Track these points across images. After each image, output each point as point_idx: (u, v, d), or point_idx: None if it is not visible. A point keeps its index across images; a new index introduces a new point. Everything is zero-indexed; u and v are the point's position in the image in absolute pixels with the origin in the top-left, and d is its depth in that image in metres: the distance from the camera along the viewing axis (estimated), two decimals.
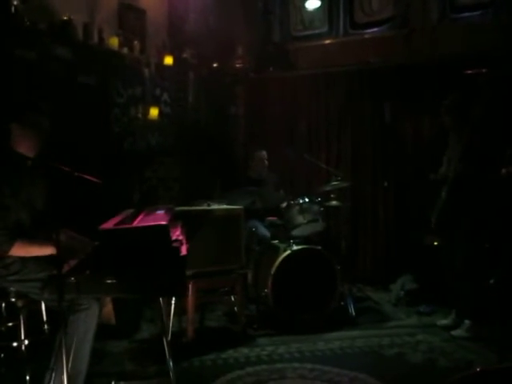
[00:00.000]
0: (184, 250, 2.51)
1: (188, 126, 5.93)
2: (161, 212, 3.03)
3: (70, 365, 2.70)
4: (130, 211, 3.17)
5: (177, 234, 2.74)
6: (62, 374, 2.43)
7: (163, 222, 2.39)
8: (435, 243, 5.03)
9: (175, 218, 3.40)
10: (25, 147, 2.94)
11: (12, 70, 4.06)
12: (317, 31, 6.65)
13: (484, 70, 3.40)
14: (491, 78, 3.29)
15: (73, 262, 2.54)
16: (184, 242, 2.73)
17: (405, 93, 5.78)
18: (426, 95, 5.59)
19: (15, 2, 4.13)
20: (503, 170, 3.74)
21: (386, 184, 5.74)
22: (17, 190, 2.85)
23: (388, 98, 5.89)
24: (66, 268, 2.41)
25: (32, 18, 4.28)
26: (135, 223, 2.55)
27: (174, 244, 2.46)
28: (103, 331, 3.87)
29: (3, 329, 3.20)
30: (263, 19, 6.91)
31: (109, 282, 2.36)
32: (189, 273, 3.89)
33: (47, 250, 2.82)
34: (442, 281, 4.72)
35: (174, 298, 3.48)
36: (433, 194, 4.46)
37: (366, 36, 6.26)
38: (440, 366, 3.68)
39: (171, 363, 2.87)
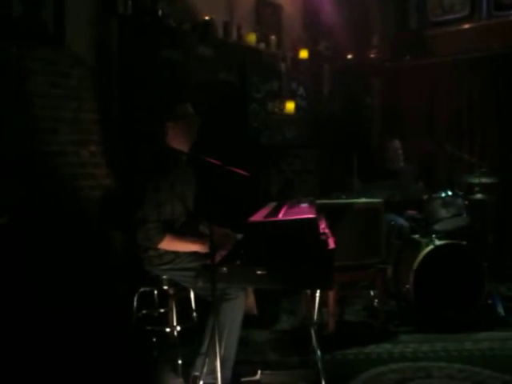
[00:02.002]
0: (331, 243, 2.50)
1: (323, 118, 5.92)
2: (304, 205, 3.05)
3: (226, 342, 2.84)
4: (273, 204, 3.23)
5: (322, 226, 2.74)
6: (216, 359, 2.52)
7: (312, 216, 2.41)
8: None
9: (318, 212, 3.41)
10: (179, 142, 3.11)
11: (159, 70, 4.31)
12: (458, 15, 6.27)
13: None
14: None
15: (219, 254, 2.63)
16: (330, 234, 2.72)
17: None
18: None
19: (161, 5, 4.38)
20: None
21: None
22: (172, 185, 3.01)
23: None
24: (217, 258, 2.51)
25: (177, 19, 4.52)
26: (280, 216, 2.59)
27: (322, 237, 2.46)
28: (246, 321, 4.06)
29: (156, 314, 3.40)
30: (399, 6, 6.70)
31: (259, 273, 2.41)
32: None
33: (194, 247, 2.97)
34: None
35: (319, 291, 3.48)
36: None
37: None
38: None
39: (319, 353, 2.88)
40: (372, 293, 4.39)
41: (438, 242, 4.26)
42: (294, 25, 5.85)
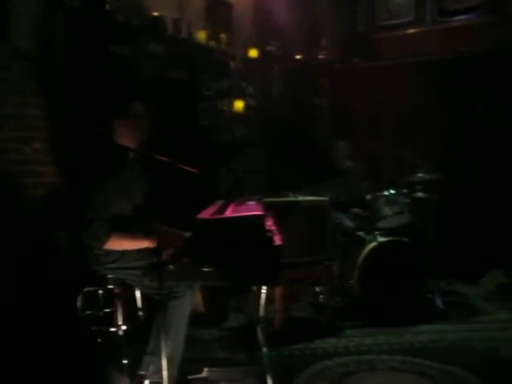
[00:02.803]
0: (278, 240, 2.55)
1: (272, 117, 5.98)
2: (252, 203, 3.09)
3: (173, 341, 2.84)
4: (220, 202, 3.25)
5: (269, 224, 2.79)
6: (161, 358, 2.53)
7: (259, 213, 2.45)
8: None
9: (265, 209, 3.46)
10: (128, 140, 3.08)
11: (107, 66, 4.24)
12: (403, 20, 6.48)
13: None
14: None
15: (167, 252, 2.64)
16: (277, 232, 2.77)
17: (496, 82, 5.55)
18: None
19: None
20: None
21: None
22: (119, 183, 2.98)
23: (478, 87, 5.68)
24: (165, 256, 2.51)
25: (125, 14, 4.47)
26: (227, 214, 2.62)
27: (269, 234, 2.50)
28: (193, 319, 4.06)
29: (101, 314, 3.37)
30: (348, 9, 6.84)
31: (206, 270, 2.44)
32: None
33: (143, 244, 2.96)
34: None
35: (265, 288, 3.53)
36: None
37: (455, 24, 6.04)
38: None
39: (265, 350, 2.92)
40: (318, 289, 4.48)
41: (381, 239, 4.39)
42: (245, 24, 5.88)
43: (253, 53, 5.72)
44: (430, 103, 5.99)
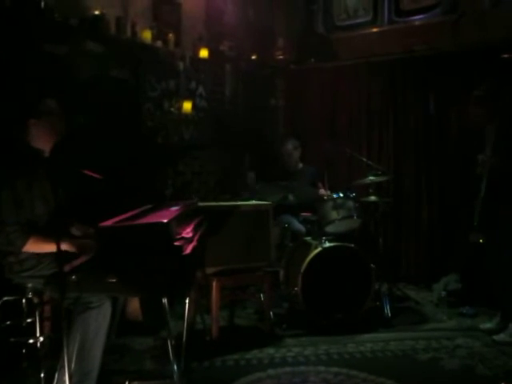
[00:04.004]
0: (189, 249, 2.41)
1: (225, 119, 5.83)
2: (174, 208, 2.94)
3: (80, 363, 2.68)
4: (147, 207, 3.11)
5: (187, 231, 2.64)
6: (65, 374, 2.37)
7: (164, 220, 2.30)
8: (480, 241, 4.73)
9: (195, 214, 3.32)
10: (41, 140, 2.93)
11: (42, 66, 4.07)
12: (361, 20, 6.41)
13: None
14: None
15: (76, 261, 2.48)
16: (194, 239, 2.63)
17: (451, 82, 5.48)
18: (473, 84, 5.25)
19: None
20: None
21: None
22: (30, 184, 2.81)
23: (433, 87, 5.60)
24: (67, 267, 2.35)
25: (63, 12, 4.31)
26: (141, 220, 2.47)
27: (178, 242, 2.35)
28: (130, 328, 3.91)
29: (24, 324, 3.20)
30: (305, 9, 6.73)
31: (110, 281, 2.29)
32: (212, 270, 3.81)
33: (62, 246, 2.79)
34: (488, 281, 4.45)
35: (188, 297, 3.39)
36: (478, 188, 4.18)
37: (412, 23, 5.98)
38: (478, 373, 3.42)
39: (175, 366, 2.77)
40: (262, 296, 4.34)
41: (325, 245, 4.26)
42: (196, 23, 5.72)
43: (203, 53, 5.56)
44: (386, 104, 5.90)
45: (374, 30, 6.24)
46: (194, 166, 5.44)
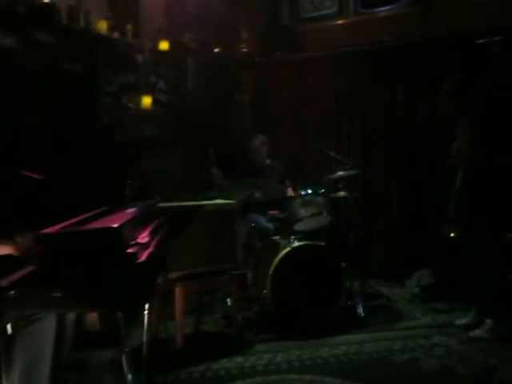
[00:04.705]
0: (144, 256, 2.16)
1: (188, 114, 5.57)
2: (131, 210, 2.69)
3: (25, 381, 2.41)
4: (102, 210, 2.84)
5: (143, 236, 2.40)
6: None
7: (114, 225, 2.05)
8: (452, 234, 4.61)
9: (154, 216, 3.07)
10: None
11: None
12: (327, 11, 6.24)
13: (498, 38, 2.97)
14: (506, 48, 2.89)
15: (22, 272, 2.21)
16: (151, 245, 2.39)
17: (419, 73, 5.35)
18: (441, 75, 5.12)
19: None
20: None
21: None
22: None
23: (401, 78, 5.47)
24: (5, 281, 2.07)
25: (8, 1, 4.00)
26: (89, 225, 2.21)
27: (131, 249, 2.11)
28: (88, 340, 3.63)
29: None
30: (270, 0, 6.53)
31: (55, 295, 2.03)
32: (175, 275, 3.56)
33: (4, 250, 2.51)
34: (462, 275, 4.33)
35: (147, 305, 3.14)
36: (451, 180, 4.05)
37: (378, 15, 5.83)
38: (457, 373, 3.27)
39: (130, 378, 2.52)
40: (230, 301, 4.12)
41: (295, 244, 4.06)
42: (155, 14, 5.45)
43: (164, 45, 5.30)
44: (354, 96, 5.73)
45: (341, 21, 6.08)
46: (155, 165, 5.16)
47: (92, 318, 3.77)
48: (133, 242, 2.20)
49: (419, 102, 5.35)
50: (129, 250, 2.08)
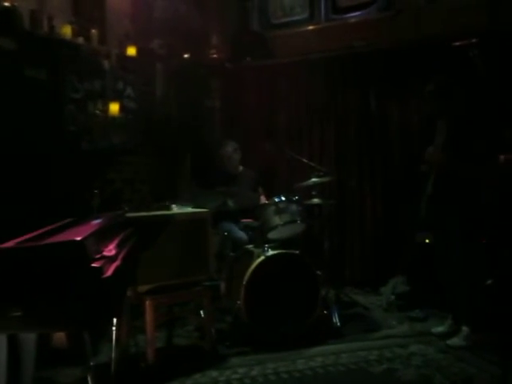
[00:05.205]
0: (110, 270, 2.03)
1: (157, 122, 5.43)
2: (96, 221, 2.55)
3: None
4: (65, 222, 2.69)
5: (109, 248, 2.26)
6: None
7: (77, 238, 1.91)
8: (427, 241, 4.57)
9: (122, 227, 2.93)
10: None
11: None
12: (297, 17, 6.22)
13: (474, 40, 2.95)
14: (482, 51, 2.87)
15: None
16: (117, 258, 2.25)
17: (391, 78, 5.33)
18: (413, 80, 5.12)
19: None
20: (501, 157, 3.25)
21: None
22: None
23: (373, 84, 5.44)
24: None
25: None
26: (51, 239, 2.07)
27: (96, 263, 1.97)
28: (54, 357, 3.46)
29: None
30: (239, 6, 6.46)
31: (14, 314, 1.88)
32: (145, 288, 3.42)
33: None
34: (436, 282, 4.28)
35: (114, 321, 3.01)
36: (424, 186, 4.00)
37: (349, 20, 5.82)
38: (436, 383, 3.20)
39: None
40: (203, 313, 3.99)
41: (268, 253, 3.96)
42: (122, 19, 5.31)
43: (131, 51, 5.14)
44: (326, 102, 5.68)
45: (311, 27, 6.05)
46: (124, 173, 5.01)
47: (59, 334, 3.61)
48: (98, 256, 2.06)
49: (392, 107, 5.32)
50: (94, 265, 1.94)
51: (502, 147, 3.15)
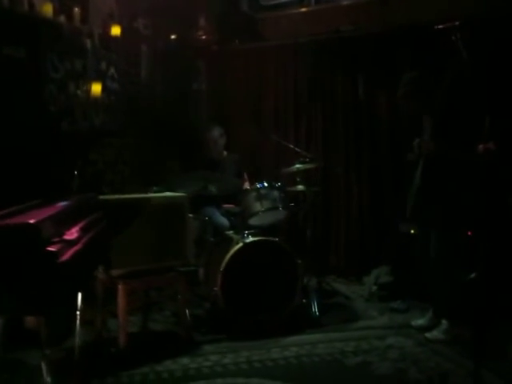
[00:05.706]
0: (68, 254, 1.96)
1: (141, 103, 5.34)
2: (62, 204, 2.48)
3: None
4: (32, 203, 2.62)
5: (71, 232, 2.19)
6: None
7: (31, 220, 1.84)
8: (412, 231, 4.51)
9: (91, 210, 2.85)
10: None
11: None
12: (287, 0, 6.08)
13: (457, 23, 2.86)
14: (466, 34, 2.78)
15: None
16: (79, 242, 2.18)
17: (380, 63, 5.22)
18: (402, 67, 5.01)
19: None
20: (480, 147, 3.18)
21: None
22: None
23: (362, 69, 5.33)
24: None
25: None
26: (5, 221, 2.00)
27: (53, 247, 1.90)
28: (27, 338, 3.40)
29: None
30: None
31: None
32: (118, 272, 3.37)
33: None
34: (419, 274, 4.22)
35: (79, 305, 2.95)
36: (411, 175, 3.93)
37: (339, 4, 5.71)
38: (410, 378, 3.14)
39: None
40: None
41: (247, 240, 3.90)
42: None
43: (115, 30, 5.03)
44: (314, 86, 5.59)
45: (301, 9, 5.94)
46: (107, 155, 4.92)
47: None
48: (56, 240, 1.99)
49: (380, 93, 5.21)
50: (49, 248, 1.87)
51: (481, 136, 3.08)
